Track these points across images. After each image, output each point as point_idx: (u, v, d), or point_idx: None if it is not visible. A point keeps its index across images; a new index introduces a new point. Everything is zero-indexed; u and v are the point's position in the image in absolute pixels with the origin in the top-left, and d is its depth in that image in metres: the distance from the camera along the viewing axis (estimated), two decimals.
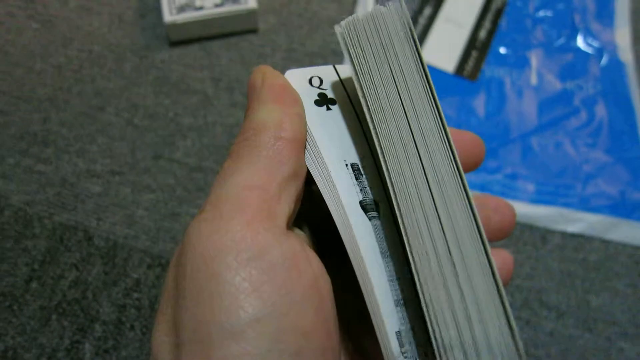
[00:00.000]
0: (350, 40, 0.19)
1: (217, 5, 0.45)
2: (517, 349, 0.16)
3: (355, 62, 0.18)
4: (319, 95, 0.20)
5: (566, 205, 0.40)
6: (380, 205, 0.19)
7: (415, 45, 0.18)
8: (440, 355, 0.16)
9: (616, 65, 0.46)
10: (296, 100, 0.19)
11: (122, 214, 0.39)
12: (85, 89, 0.44)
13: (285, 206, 0.17)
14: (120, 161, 0.41)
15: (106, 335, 0.35)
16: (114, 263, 0.37)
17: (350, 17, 0.19)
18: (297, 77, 0.20)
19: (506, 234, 0.24)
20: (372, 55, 0.18)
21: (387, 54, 0.18)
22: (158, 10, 0.47)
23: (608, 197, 0.40)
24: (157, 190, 0.40)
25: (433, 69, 0.45)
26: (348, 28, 0.19)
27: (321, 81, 0.20)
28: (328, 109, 0.20)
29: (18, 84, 0.44)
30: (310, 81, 0.20)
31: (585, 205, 0.40)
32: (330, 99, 0.20)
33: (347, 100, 0.21)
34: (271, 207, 0.17)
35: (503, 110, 0.44)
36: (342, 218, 0.18)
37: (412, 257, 0.17)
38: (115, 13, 0.47)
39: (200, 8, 0.44)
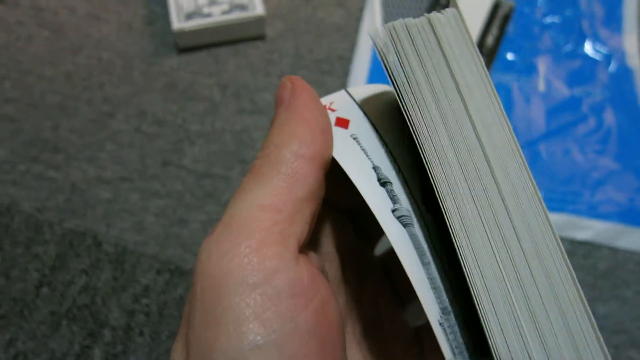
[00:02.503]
0: (400, 46, 0.17)
1: (224, 13, 0.45)
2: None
3: (406, 70, 0.17)
4: (338, 118, 0.20)
5: (574, 212, 0.40)
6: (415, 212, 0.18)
7: (479, 57, 0.17)
8: None
9: (624, 71, 0.46)
10: (323, 115, 0.19)
11: (131, 220, 0.39)
12: (94, 96, 0.44)
13: (298, 228, 0.17)
14: (129, 168, 0.41)
15: (115, 341, 0.35)
16: (123, 269, 0.37)
17: (398, 22, 0.17)
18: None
19: None
20: (430, 64, 0.17)
21: (451, 64, 0.17)
22: (166, 17, 0.47)
23: (617, 205, 0.40)
24: (165, 196, 0.40)
25: None
26: (396, 33, 0.17)
27: (335, 108, 0.20)
28: (345, 129, 0.20)
29: (28, 91, 0.44)
30: (326, 108, 0.20)
31: (593, 212, 0.40)
32: (344, 120, 0.20)
33: (364, 119, 0.20)
34: (283, 229, 0.16)
35: (510, 116, 0.44)
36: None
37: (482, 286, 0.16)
38: (124, 21, 0.48)
39: (208, 15, 0.45)
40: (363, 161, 0.19)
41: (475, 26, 0.48)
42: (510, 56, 0.46)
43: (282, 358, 0.15)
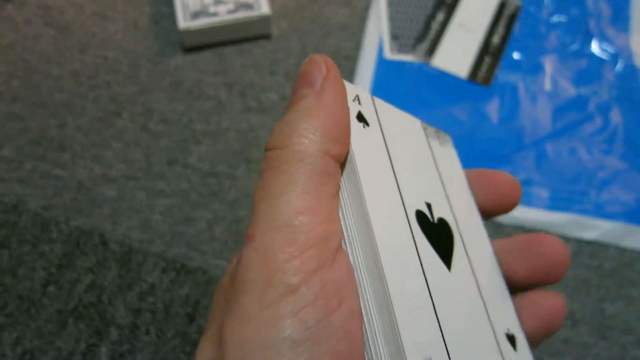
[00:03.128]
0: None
1: (230, 12, 0.45)
2: None
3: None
4: (359, 112, 0.20)
5: (581, 211, 0.40)
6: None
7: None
8: None
9: (631, 70, 0.45)
10: (348, 112, 0.18)
11: (137, 218, 0.39)
12: (100, 94, 0.44)
13: (337, 225, 0.17)
14: (135, 166, 0.41)
15: (122, 339, 0.35)
16: (129, 267, 0.37)
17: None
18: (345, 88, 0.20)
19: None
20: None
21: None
22: (172, 16, 0.48)
23: (623, 204, 0.40)
24: (171, 195, 0.40)
25: (446, 74, 0.45)
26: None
27: (360, 101, 0.20)
28: (365, 126, 0.20)
29: (35, 90, 0.44)
30: (354, 99, 0.20)
31: (600, 212, 0.40)
32: (366, 119, 0.20)
33: (379, 128, 0.20)
34: (325, 230, 0.16)
35: (517, 115, 0.44)
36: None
37: None
38: (130, 20, 0.48)
39: (214, 14, 0.45)
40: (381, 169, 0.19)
41: (481, 25, 0.48)
42: (516, 55, 0.46)
43: (316, 352, 0.15)
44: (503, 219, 0.40)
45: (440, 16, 0.48)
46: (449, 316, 0.18)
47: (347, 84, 0.20)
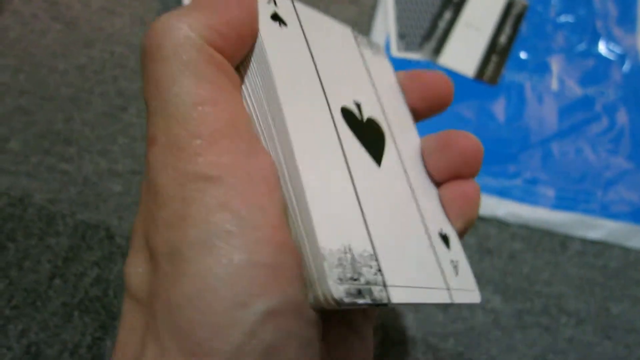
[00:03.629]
0: None
1: None
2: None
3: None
4: (274, 13, 0.20)
5: (586, 211, 0.40)
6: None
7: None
8: None
9: (638, 71, 0.45)
10: (249, 12, 0.18)
11: None
12: (107, 89, 0.44)
13: (245, 114, 0.17)
14: (141, 161, 0.41)
15: None
16: None
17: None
18: None
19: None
20: None
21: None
22: None
23: (629, 204, 0.40)
24: None
25: (453, 73, 0.45)
26: None
27: (277, 3, 0.20)
28: (281, 25, 0.20)
29: (42, 84, 0.44)
30: (269, 1, 0.20)
31: (605, 211, 0.40)
32: (282, 19, 0.20)
33: (298, 28, 0.20)
34: (232, 119, 0.16)
35: (523, 115, 0.44)
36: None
37: None
38: (137, 15, 0.48)
39: None
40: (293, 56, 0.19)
41: (488, 25, 0.48)
42: (523, 55, 0.46)
43: (253, 242, 0.15)
44: (508, 218, 0.40)
45: (447, 15, 0.48)
46: (375, 209, 0.18)
47: None
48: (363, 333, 0.19)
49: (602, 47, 0.47)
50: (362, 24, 0.48)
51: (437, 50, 0.46)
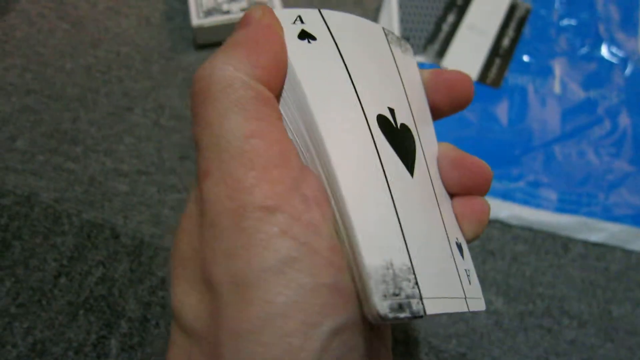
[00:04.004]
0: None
1: (243, 10, 0.45)
2: None
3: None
4: (302, 31, 0.20)
5: (589, 214, 0.40)
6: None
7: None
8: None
9: None
10: (278, 44, 0.19)
11: (148, 213, 0.40)
12: (113, 89, 0.45)
13: (290, 143, 0.17)
14: (147, 161, 0.42)
15: (132, 332, 0.35)
16: (139, 261, 0.38)
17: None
18: (284, 16, 0.20)
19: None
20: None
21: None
22: (185, 13, 0.48)
23: (631, 207, 0.40)
24: (182, 190, 0.40)
25: None
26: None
27: (304, 20, 0.20)
28: (310, 42, 0.20)
29: (49, 84, 0.45)
30: (294, 21, 0.20)
31: (608, 214, 0.40)
32: (311, 34, 0.20)
33: (330, 40, 0.20)
34: (281, 149, 0.17)
35: (526, 118, 0.44)
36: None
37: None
38: (143, 15, 0.48)
39: (227, 12, 0.45)
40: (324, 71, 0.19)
41: (491, 28, 0.48)
42: (526, 58, 0.47)
43: (315, 265, 0.15)
44: (510, 220, 0.40)
45: (450, 18, 0.49)
46: (411, 221, 0.18)
47: (288, 10, 0.20)
48: (385, 340, 0.20)
49: (604, 51, 0.47)
50: None
51: (441, 53, 0.47)
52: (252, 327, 0.15)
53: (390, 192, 0.18)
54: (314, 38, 0.20)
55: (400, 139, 0.20)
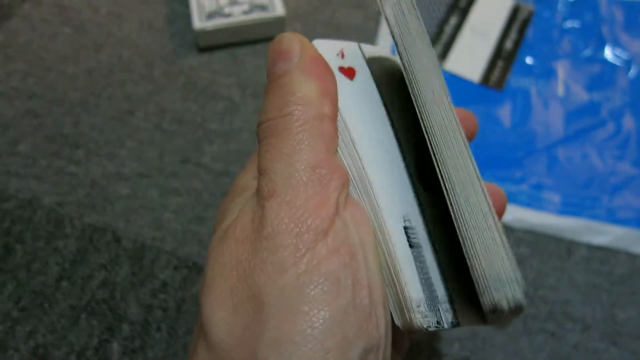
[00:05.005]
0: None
1: (245, 13, 0.45)
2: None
3: (401, 21, 0.20)
4: (341, 67, 0.21)
5: (592, 217, 0.40)
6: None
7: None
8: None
9: None
10: (333, 77, 0.20)
11: (149, 216, 0.40)
12: (115, 93, 0.45)
13: (346, 172, 0.19)
14: (149, 165, 0.42)
15: (133, 335, 0.35)
16: (141, 264, 0.38)
17: None
18: (323, 48, 0.21)
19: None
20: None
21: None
22: (187, 17, 0.48)
23: (635, 210, 0.40)
24: (184, 194, 0.40)
25: (458, 78, 0.46)
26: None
27: (344, 55, 0.21)
28: (351, 80, 0.21)
29: (51, 88, 0.45)
30: (336, 54, 0.21)
31: (611, 217, 0.40)
32: (351, 70, 0.21)
33: (369, 77, 0.21)
34: (339, 178, 0.18)
35: (529, 120, 0.44)
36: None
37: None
38: (145, 19, 0.48)
39: (229, 15, 0.45)
40: (367, 115, 0.20)
41: (494, 30, 0.48)
42: (529, 60, 0.46)
43: (356, 286, 0.17)
44: (513, 223, 0.40)
45: (453, 20, 0.48)
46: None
47: (329, 41, 0.21)
48: (402, 352, 0.22)
49: (608, 53, 0.47)
50: (368, 29, 0.48)
51: (443, 55, 0.46)
52: (295, 338, 0.15)
53: (427, 227, 0.20)
54: (354, 74, 0.21)
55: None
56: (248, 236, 0.17)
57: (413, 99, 0.19)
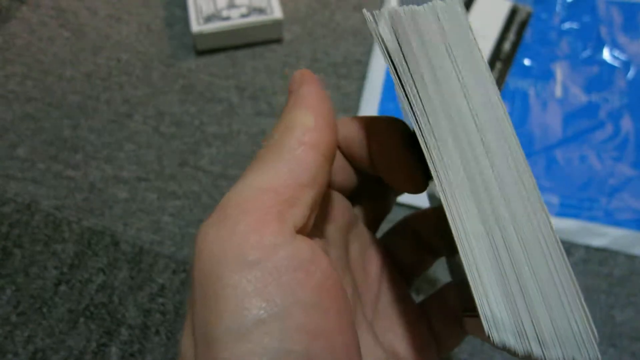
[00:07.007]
0: (403, 32, 0.17)
1: (243, 16, 0.45)
2: (593, 334, 0.15)
3: (408, 56, 0.17)
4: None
5: (591, 219, 0.40)
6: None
7: (476, 44, 0.17)
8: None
9: None
10: (328, 108, 0.19)
11: (148, 219, 0.40)
12: (113, 96, 0.45)
13: (298, 212, 0.17)
14: (147, 168, 0.42)
15: (132, 339, 0.35)
16: (139, 268, 0.38)
17: (402, 8, 0.17)
18: None
19: None
20: (432, 50, 0.17)
21: (451, 52, 0.17)
22: (185, 20, 0.48)
23: (634, 212, 0.40)
24: (182, 197, 0.40)
25: None
26: (399, 18, 0.17)
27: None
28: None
29: (49, 91, 0.45)
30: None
31: (610, 219, 0.40)
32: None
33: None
34: (282, 210, 0.16)
35: (527, 122, 0.44)
36: None
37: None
38: (144, 22, 0.48)
39: (227, 18, 0.45)
40: None
41: (492, 32, 0.48)
42: (527, 62, 0.46)
43: (285, 330, 0.15)
44: None
45: None
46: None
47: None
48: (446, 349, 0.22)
49: (606, 54, 0.46)
50: (366, 31, 0.48)
51: None
52: None
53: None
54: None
55: None
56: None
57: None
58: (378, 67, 0.46)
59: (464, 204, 0.16)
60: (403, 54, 0.17)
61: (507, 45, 0.47)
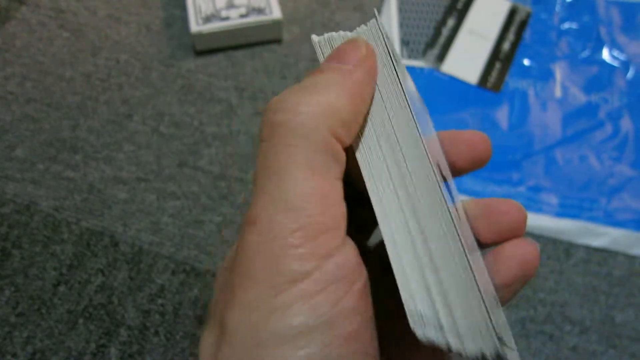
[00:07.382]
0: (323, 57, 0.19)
1: (242, 16, 0.45)
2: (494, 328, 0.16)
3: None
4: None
5: (591, 219, 0.40)
6: None
7: (394, 65, 0.18)
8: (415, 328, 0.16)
9: None
10: (371, 95, 0.18)
11: (147, 220, 0.39)
12: (112, 97, 0.45)
13: (344, 208, 0.17)
14: (146, 168, 0.42)
15: (131, 340, 0.35)
16: (139, 269, 0.38)
17: (323, 36, 0.19)
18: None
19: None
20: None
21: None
22: (184, 20, 0.48)
23: (633, 212, 0.40)
24: (181, 197, 0.40)
25: (456, 80, 0.46)
26: (322, 46, 0.19)
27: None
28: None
29: (48, 92, 0.45)
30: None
31: (610, 219, 0.40)
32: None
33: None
34: (334, 216, 0.16)
35: (526, 122, 0.44)
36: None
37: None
38: (143, 23, 0.48)
39: (226, 18, 0.45)
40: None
41: (491, 31, 0.48)
42: (526, 62, 0.46)
43: (328, 337, 0.15)
44: None
45: (450, 22, 0.48)
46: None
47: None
48: None
49: (605, 54, 0.46)
50: None
51: (441, 57, 0.46)
52: None
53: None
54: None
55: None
56: (228, 267, 0.17)
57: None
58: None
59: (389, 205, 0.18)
60: None
61: (506, 45, 0.47)
